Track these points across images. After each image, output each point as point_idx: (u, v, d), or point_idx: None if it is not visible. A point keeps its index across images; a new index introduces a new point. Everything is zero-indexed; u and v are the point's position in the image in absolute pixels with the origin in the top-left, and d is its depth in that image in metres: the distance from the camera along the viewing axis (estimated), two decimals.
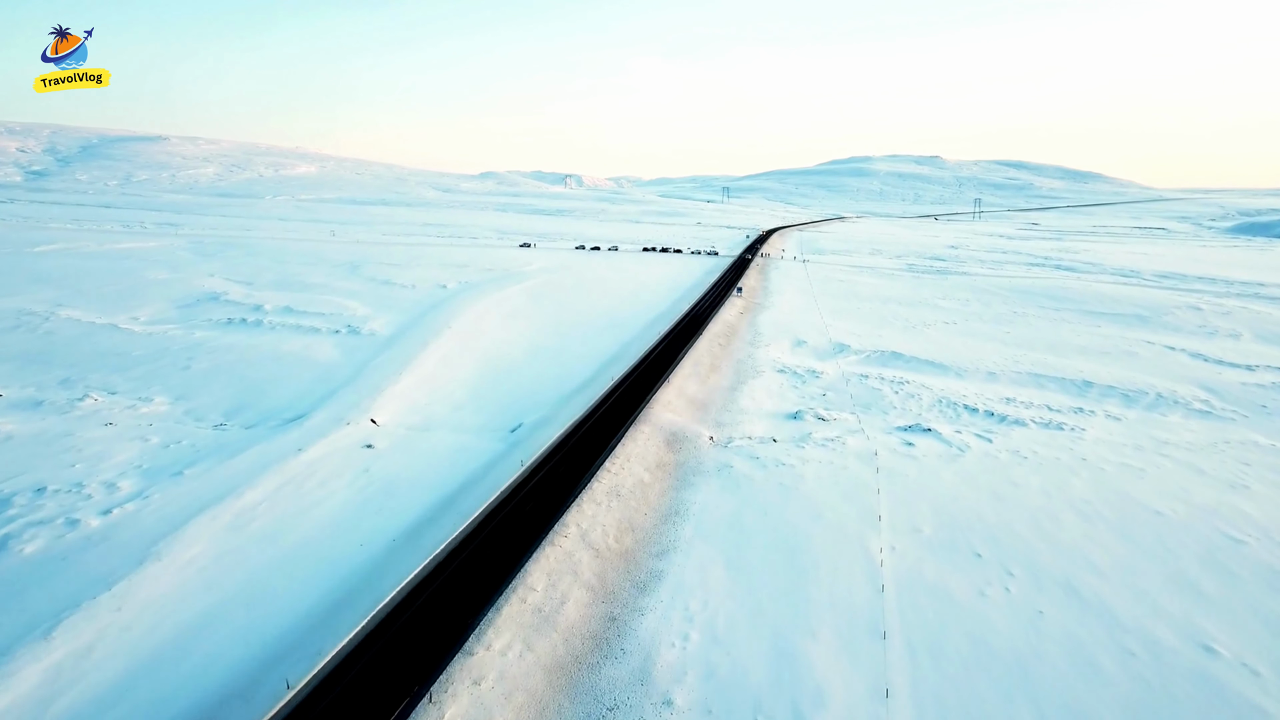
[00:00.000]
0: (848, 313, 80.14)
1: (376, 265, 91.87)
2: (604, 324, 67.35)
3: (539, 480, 31.13)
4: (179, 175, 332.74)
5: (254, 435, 36.91)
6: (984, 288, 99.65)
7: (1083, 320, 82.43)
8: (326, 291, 74.52)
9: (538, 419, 41.16)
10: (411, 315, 65.76)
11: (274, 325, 59.90)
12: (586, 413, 40.77)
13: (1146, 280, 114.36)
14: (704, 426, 41.38)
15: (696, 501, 31.35)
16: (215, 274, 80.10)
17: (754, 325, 71.13)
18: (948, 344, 67.40)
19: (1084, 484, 35.61)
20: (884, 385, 53.02)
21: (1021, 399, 51.62)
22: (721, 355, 58.35)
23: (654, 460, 35.14)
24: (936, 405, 49.11)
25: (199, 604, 21.74)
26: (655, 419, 40.39)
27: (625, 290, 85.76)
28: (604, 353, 56.92)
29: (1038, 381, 56.52)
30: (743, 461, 36.07)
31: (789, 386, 51.81)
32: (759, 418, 44.27)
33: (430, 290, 78.06)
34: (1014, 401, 50.89)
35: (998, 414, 47.66)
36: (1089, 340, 72.38)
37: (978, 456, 38.86)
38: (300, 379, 46.43)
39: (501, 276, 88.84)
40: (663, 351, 56.69)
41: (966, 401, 49.96)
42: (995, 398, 51.53)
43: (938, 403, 49.61)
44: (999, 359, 62.46)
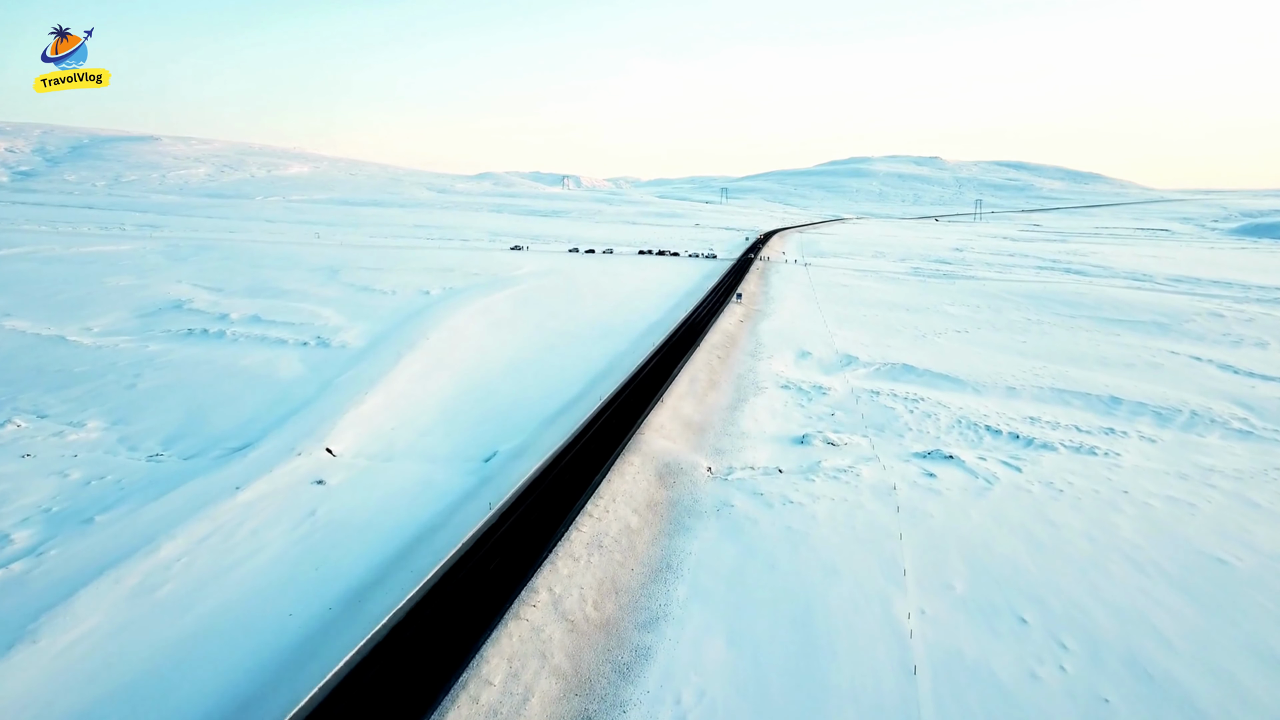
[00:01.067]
0: (853, 320, 75.97)
1: (357, 270, 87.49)
2: (595, 334, 63.09)
3: (509, 528, 26.84)
4: (169, 176, 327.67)
5: (191, 468, 32.59)
6: (994, 293, 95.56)
7: (1100, 328, 78.37)
8: (300, 298, 70.17)
9: (515, 446, 36.90)
10: (388, 325, 61.45)
11: (237, 337, 55.54)
12: (570, 439, 36.51)
13: (1160, 285, 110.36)
14: (701, 455, 37.13)
15: (692, 552, 27.10)
16: (184, 280, 75.71)
17: (755, 335, 66.92)
18: (961, 355, 63.27)
19: (1131, 524, 31.44)
20: (897, 403, 48.83)
21: (1047, 418, 47.50)
22: (720, 369, 54.11)
23: (643, 499, 30.86)
24: (956, 426, 44.97)
25: (67, 707, 17.40)
26: (646, 447, 36.12)
27: (619, 296, 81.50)
28: (593, 366, 52.67)
29: (1062, 398, 52.39)
30: (745, 499, 31.83)
31: (794, 405, 47.59)
32: (762, 443, 40.05)
33: (411, 297, 73.74)
34: (1039, 421, 46.75)
35: (1023, 436, 43.54)
36: (1110, 350, 68.31)
37: (1008, 490, 34.67)
38: (256, 399, 42.10)
39: (489, 282, 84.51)
40: (657, 365, 52.47)
41: (988, 422, 45.82)
42: (1018, 417, 47.39)
43: (957, 423, 45.45)
44: (1018, 372, 58.31)
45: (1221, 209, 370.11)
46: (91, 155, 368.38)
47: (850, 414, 46.31)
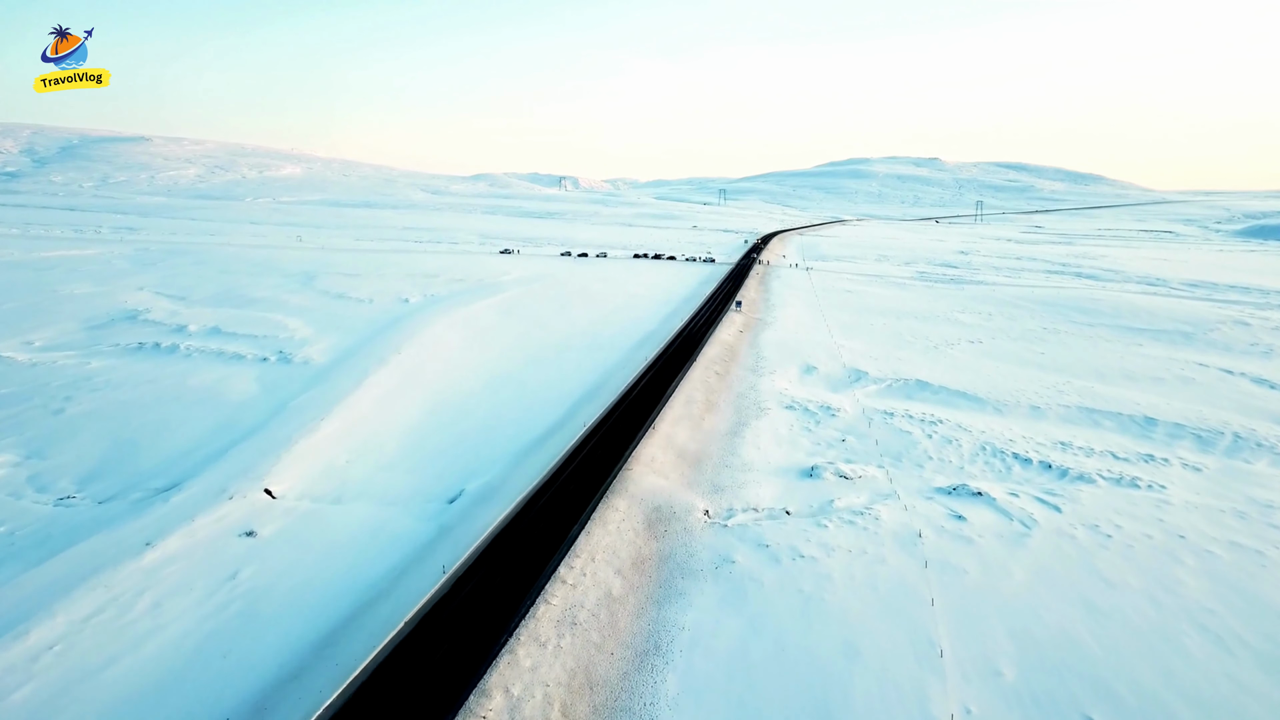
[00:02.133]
0: (860, 329, 71.48)
1: (334, 276, 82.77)
2: (584, 346, 58.51)
3: (464, 599, 22.26)
4: (159, 177, 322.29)
5: (102, 515, 27.95)
6: (1005, 299, 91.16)
7: (1121, 338, 73.99)
8: (269, 307, 65.48)
9: (485, 484, 32.31)
10: (359, 337, 56.81)
11: (191, 351, 50.87)
12: (547, 476, 31.92)
13: (1176, 290, 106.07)
14: (697, 494, 32.56)
15: (686, 626, 22.53)
16: (146, 287, 70.96)
17: (755, 346, 62.38)
18: (978, 369, 58.80)
19: (1197, 581, 26.99)
20: (913, 426, 44.32)
21: (1078, 443, 43.03)
22: (719, 387, 49.56)
23: (629, 554, 26.28)
24: (980, 454, 40.48)
25: None
26: (635, 486, 31.55)
27: (611, 304, 76.91)
28: (580, 384, 48.09)
29: (1091, 418, 47.96)
30: (748, 552, 27.28)
31: (800, 429, 43.05)
32: (766, 476, 35.51)
33: (388, 306, 69.08)
34: (1070, 447, 42.27)
35: (1056, 466, 39.07)
36: (1135, 363, 63.92)
37: (1049, 536, 30.17)
38: (197, 426, 37.44)
39: (473, 288, 79.85)
40: (650, 383, 47.91)
41: (1015, 448, 41.34)
42: (1047, 442, 42.93)
43: (981, 450, 40.97)
44: (1040, 389, 53.86)
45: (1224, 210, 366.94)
46: (80, 156, 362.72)
47: (863, 439, 41.80)
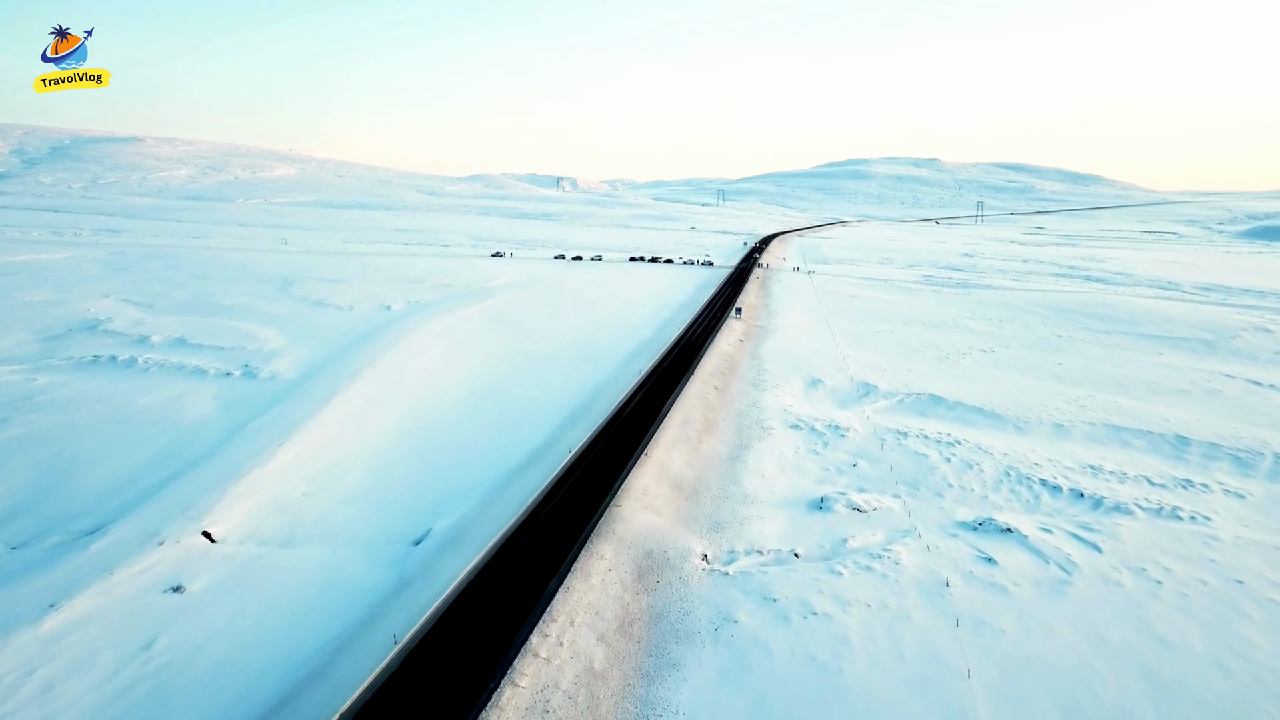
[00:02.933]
0: (866, 338, 67.95)
1: (315, 281, 79.04)
2: (574, 358, 54.91)
3: (415, 680, 18.64)
4: (149, 177, 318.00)
5: (7, 567, 24.29)
6: (1015, 304, 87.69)
7: (1139, 346, 70.55)
8: (241, 316, 61.80)
9: (456, 523, 28.71)
10: (334, 348, 53.17)
11: (150, 366, 47.22)
12: (525, 515, 28.32)
13: (1190, 294, 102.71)
14: (693, 534, 28.97)
15: (680, 710, 18.98)
16: (113, 294, 67.25)
17: (757, 357, 58.81)
18: (993, 381, 55.31)
19: (1268, 641, 23.58)
20: (929, 448, 40.79)
21: (1109, 466, 39.55)
22: (718, 404, 45.98)
23: (615, 614, 22.68)
24: (1004, 481, 36.98)
25: None
26: (624, 526, 27.96)
27: (605, 311, 73.30)
28: (568, 402, 44.48)
29: (1119, 437, 44.48)
30: (752, 608, 23.71)
31: (807, 452, 39.51)
32: (771, 509, 31.95)
33: (369, 313, 65.42)
34: (1101, 472, 38.78)
35: (1088, 494, 35.60)
36: (1157, 373, 60.46)
37: (1092, 584, 26.65)
38: (140, 453, 33.79)
39: (459, 294, 76.19)
40: (644, 400, 44.32)
41: (1042, 474, 37.85)
42: (1075, 465, 39.45)
43: (1005, 476, 37.47)
44: (1061, 403, 50.38)
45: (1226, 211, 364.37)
46: (71, 156, 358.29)
47: (876, 463, 38.27)
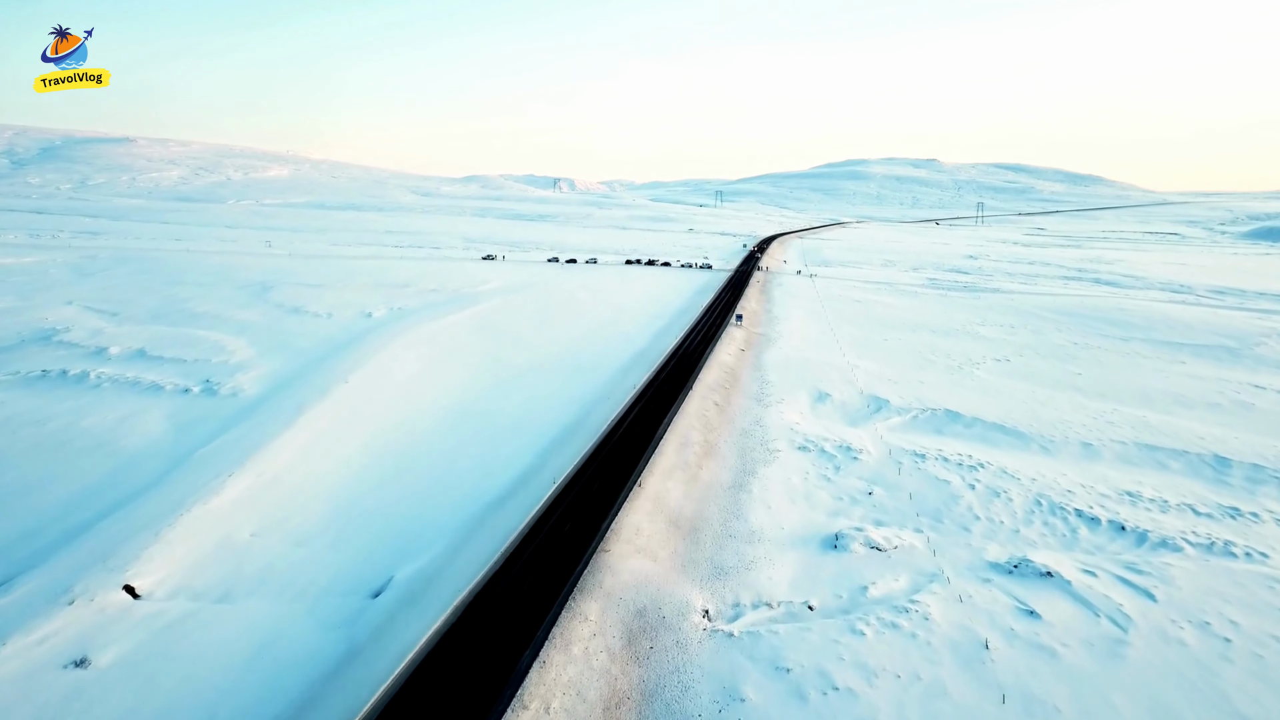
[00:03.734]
0: (874, 346, 64.43)
1: (294, 286, 75.24)
2: (564, 371, 51.30)
3: None
4: (140, 178, 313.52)
5: None
6: (1026, 309, 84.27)
7: (1159, 354, 67.14)
8: (211, 324, 58.08)
9: (421, 570, 25.08)
10: (306, 360, 49.51)
11: (101, 382, 43.50)
12: (501, 561, 24.71)
13: (1204, 297, 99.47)
14: (692, 583, 25.36)
15: None
16: (76, 301, 63.48)
17: (759, 368, 55.26)
18: (1011, 394, 51.83)
19: None
20: (950, 472, 37.26)
21: (1147, 493, 36.09)
22: (719, 422, 42.39)
23: (600, 694, 19.06)
24: (1036, 511, 33.47)
25: None
26: (612, 578, 24.35)
27: (598, 318, 69.68)
28: (555, 421, 40.86)
29: (1153, 458, 41.03)
30: (763, 681, 20.13)
31: (818, 478, 35.95)
32: (780, 549, 28.38)
33: (349, 321, 61.72)
34: (1139, 499, 35.31)
35: (1130, 527, 32.13)
36: (1183, 384, 57.05)
37: (1151, 643, 23.14)
38: (67, 487, 30.10)
39: (447, 300, 72.50)
40: (638, 418, 40.72)
41: (1075, 503, 34.35)
42: (1111, 492, 35.97)
43: (1036, 506, 33.96)
44: (1086, 419, 46.92)
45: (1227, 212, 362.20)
46: (61, 157, 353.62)
47: (893, 491, 34.74)
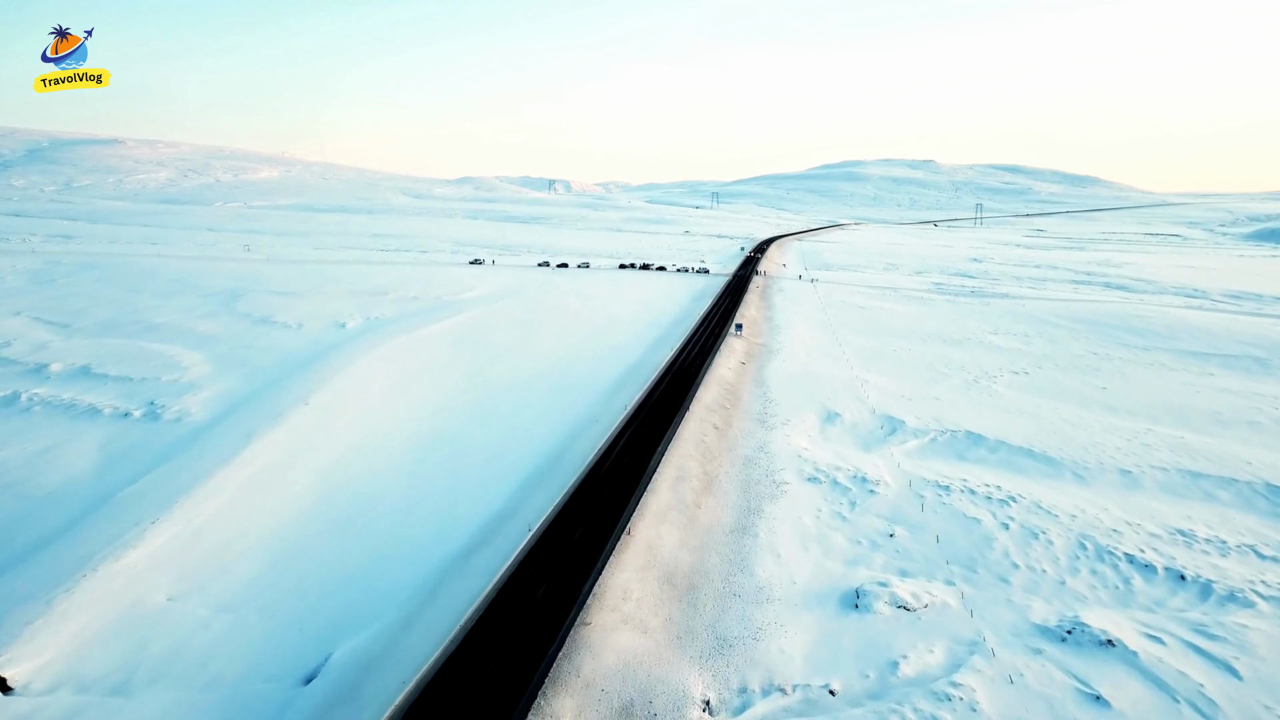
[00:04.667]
0: (883, 358, 60.35)
1: (265, 294, 70.79)
2: (548, 389, 47.04)
3: None
4: (126, 180, 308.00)
5: None
6: (1039, 316, 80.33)
7: (1185, 365, 63.18)
8: (168, 336, 53.67)
9: (366, 643, 20.81)
10: (266, 378, 45.16)
11: (33, 404, 39.10)
12: (460, 636, 20.45)
13: (1220, 302, 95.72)
14: (690, 661, 21.13)
15: None
16: (26, 311, 59.00)
17: (762, 384, 51.10)
18: (1035, 412, 47.76)
19: None
20: (979, 508, 33.16)
21: (1201, 531, 32.13)
22: (719, 449, 38.18)
23: None
24: (1081, 557, 29.44)
25: None
26: (593, 662, 20.11)
27: (588, 329, 65.45)
28: (536, 451, 36.59)
29: (1199, 487, 37.02)
30: None
31: (831, 516, 31.81)
32: (792, 610, 24.22)
33: (318, 333, 57.35)
34: (1194, 539, 31.34)
35: (1190, 575, 28.14)
36: (1215, 399, 53.09)
37: None
38: None
39: (426, 309, 68.16)
40: (628, 446, 36.44)
41: (1124, 545, 30.34)
42: (1160, 530, 31.97)
43: (1080, 550, 29.92)
44: (1119, 441, 42.90)
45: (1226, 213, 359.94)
46: (47, 159, 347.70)
47: (917, 532, 30.62)
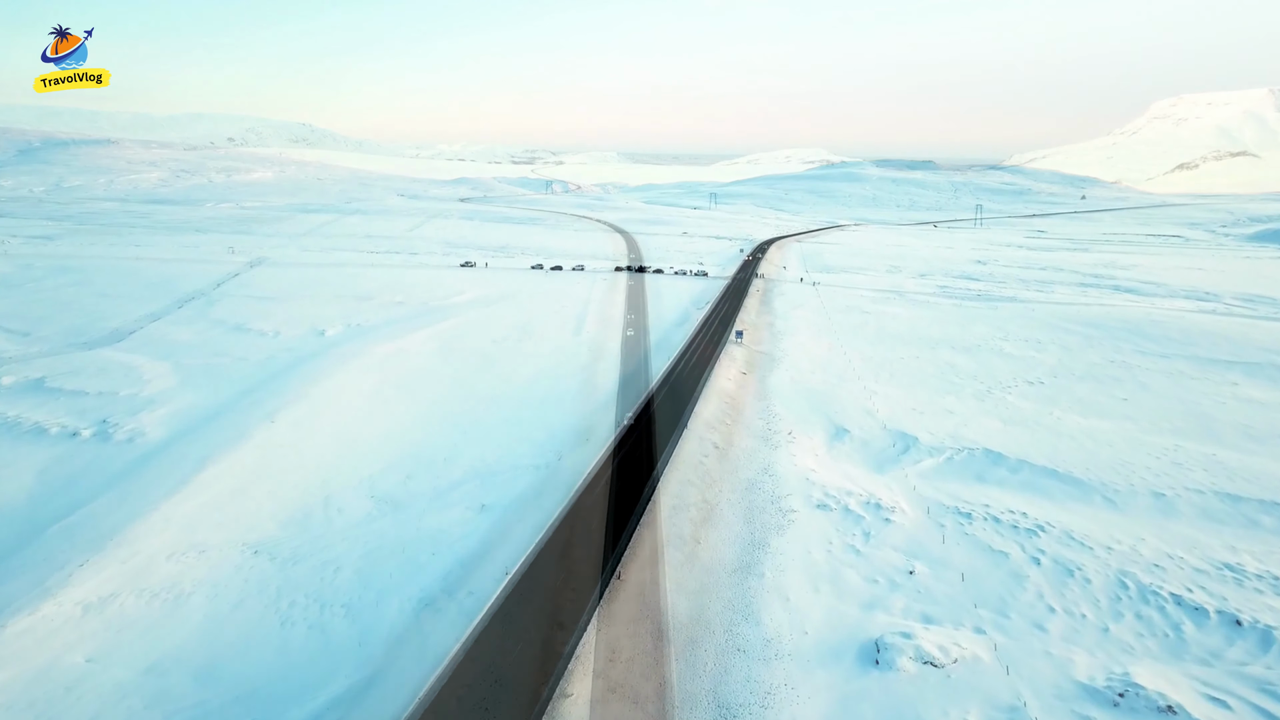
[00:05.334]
0: (890, 366, 57.33)
1: (242, 299, 67.57)
2: (536, 402, 43.93)
3: None
4: (118, 180, 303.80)
5: None
6: (1050, 321, 77.35)
7: (1206, 374, 60.15)
8: (133, 345, 50.49)
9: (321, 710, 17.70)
10: (234, 391, 42.02)
11: None
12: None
13: (1234, 306, 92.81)
14: None
15: None
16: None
17: (764, 397, 48.05)
18: (1055, 427, 44.75)
19: None
20: (1006, 539, 30.18)
21: (1249, 566, 29.26)
22: (719, 472, 35.12)
23: None
24: (1124, 598, 26.54)
25: None
26: None
27: (582, 338, 62.25)
28: (517, 476, 33.44)
29: (1240, 512, 34.12)
30: None
31: (844, 550, 28.79)
32: (805, 670, 21.18)
33: (296, 341, 54.16)
34: (1243, 575, 28.47)
35: (1245, 620, 25.44)
36: (1243, 412, 50.06)
37: None
38: None
39: (412, 314, 64.99)
40: (620, 468, 33.39)
41: (1168, 584, 27.42)
42: (1206, 565, 29.04)
43: (1122, 590, 27.01)
44: (1149, 459, 39.90)
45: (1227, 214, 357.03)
46: (38, 159, 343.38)
47: (940, 569, 27.62)
